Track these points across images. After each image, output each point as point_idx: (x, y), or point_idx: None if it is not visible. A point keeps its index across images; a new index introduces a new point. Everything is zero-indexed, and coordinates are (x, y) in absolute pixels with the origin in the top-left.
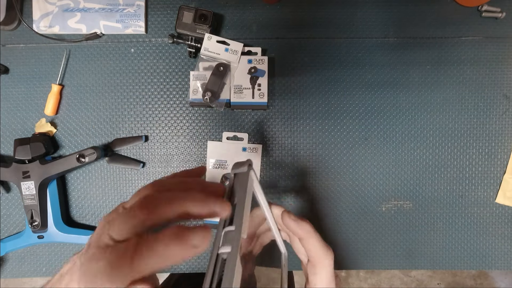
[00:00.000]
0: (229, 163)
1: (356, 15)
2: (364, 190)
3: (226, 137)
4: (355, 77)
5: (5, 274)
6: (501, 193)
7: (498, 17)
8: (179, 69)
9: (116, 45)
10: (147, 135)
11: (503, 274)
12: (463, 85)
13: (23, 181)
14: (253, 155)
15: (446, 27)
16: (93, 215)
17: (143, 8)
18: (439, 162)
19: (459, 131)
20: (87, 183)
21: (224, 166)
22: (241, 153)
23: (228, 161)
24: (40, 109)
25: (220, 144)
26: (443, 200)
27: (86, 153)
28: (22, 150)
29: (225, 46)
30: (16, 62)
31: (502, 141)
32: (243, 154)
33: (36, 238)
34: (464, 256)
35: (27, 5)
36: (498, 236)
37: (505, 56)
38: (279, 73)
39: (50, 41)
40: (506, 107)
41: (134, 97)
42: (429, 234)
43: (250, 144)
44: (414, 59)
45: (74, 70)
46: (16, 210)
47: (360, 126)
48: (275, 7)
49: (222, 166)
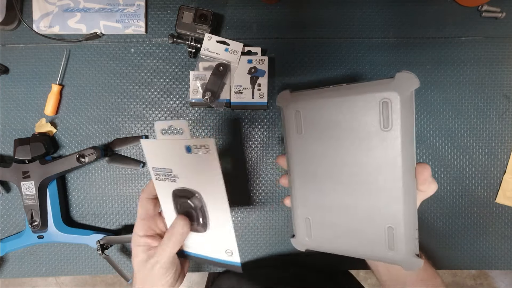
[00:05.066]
0: (176, 172)
1: (356, 15)
2: None
3: (160, 129)
4: (355, 77)
5: (5, 274)
6: (501, 193)
7: (498, 17)
8: (179, 69)
9: (116, 45)
10: (147, 135)
11: (503, 274)
12: (463, 85)
13: (23, 181)
14: (204, 158)
15: (446, 27)
16: (93, 215)
17: (143, 8)
18: (439, 162)
19: (459, 131)
20: (87, 183)
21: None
22: (185, 155)
23: (173, 169)
24: (40, 109)
25: (156, 143)
26: (443, 200)
27: (86, 153)
28: (22, 150)
29: (225, 46)
30: (16, 62)
31: (502, 141)
32: (188, 158)
33: (36, 238)
34: (464, 256)
35: (27, 5)
36: (498, 236)
37: (505, 56)
38: (279, 73)
39: (50, 41)
40: (506, 107)
41: (134, 97)
42: (429, 234)
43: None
44: (414, 59)
45: (74, 70)
46: (16, 210)
47: None
48: (275, 7)
49: (170, 178)
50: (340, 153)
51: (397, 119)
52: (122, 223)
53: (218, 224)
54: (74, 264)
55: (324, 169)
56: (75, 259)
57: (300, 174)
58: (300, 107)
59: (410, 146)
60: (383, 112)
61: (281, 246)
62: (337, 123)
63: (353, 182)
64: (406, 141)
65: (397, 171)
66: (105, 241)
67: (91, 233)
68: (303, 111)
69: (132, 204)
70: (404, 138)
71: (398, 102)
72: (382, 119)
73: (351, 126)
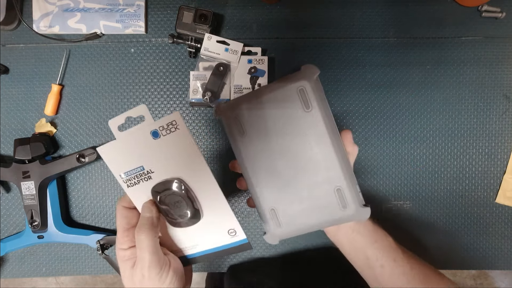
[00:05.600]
0: (148, 167)
1: (356, 15)
2: (364, 190)
3: (117, 126)
4: (355, 77)
5: (5, 274)
6: (501, 193)
7: (498, 17)
8: (179, 69)
9: (116, 45)
10: None
11: (503, 274)
12: (463, 85)
13: (23, 181)
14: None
15: (446, 27)
16: (93, 215)
17: (143, 8)
18: (439, 162)
19: (459, 131)
20: (87, 183)
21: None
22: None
23: (145, 165)
24: (40, 109)
25: (116, 144)
26: (443, 200)
27: (86, 153)
28: (22, 150)
29: (225, 46)
30: (16, 62)
31: (502, 141)
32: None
33: (36, 238)
34: (464, 256)
35: (27, 5)
36: (498, 236)
37: (505, 56)
38: (279, 73)
39: (50, 41)
40: (506, 107)
41: (134, 97)
42: (429, 234)
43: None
44: (414, 59)
45: (74, 70)
46: (16, 210)
47: (360, 126)
48: (275, 7)
49: (144, 178)
50: (280, 142)
51: (313, 100)
52: None
53: (211, 206)
54: (74, 264)
55: (272, 160)
56: (75, 259)
57: (254, 172)
58: (237, 113)
59: (330, 118)
60: (302, 97)
61: (284, 246)
62: (270, 116)
63: (298, 163)
64: (326, 115)
65: (327, 141)
66: (105, 241)
67: (91, 233)
68: (240, 115)
69: None
70: (323, 112)
71: (310, 87)
72: (303, 103)
73: (282, 115)
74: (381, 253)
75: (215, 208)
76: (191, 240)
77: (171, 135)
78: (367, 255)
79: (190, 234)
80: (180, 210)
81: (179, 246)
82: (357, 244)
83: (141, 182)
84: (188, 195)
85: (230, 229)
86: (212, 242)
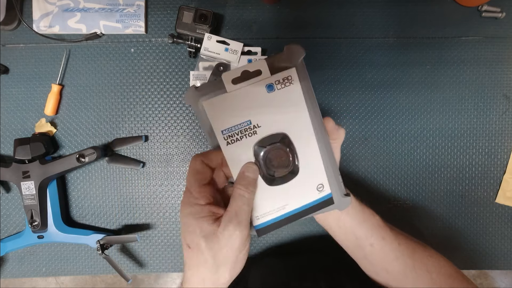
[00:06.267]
0: (256, 121)
1: (356, 15)
2: (364, 190)
3: (230, 80)
4: (355, 77)
5: (5, 274)
6: (501, 193)
7: (498, 17)
8: (179, 69)
9: (116, 45)
10: (147, 135)
11: (503, 274)
12: (463, 85)
13: (23, 181)
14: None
15: (446, 27)
16: (93, 215)
17: (143, 8)
18: (439, 162)
19: (459, 131)
20: (87, 183)
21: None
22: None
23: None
24: (40, 109)
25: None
26: (443, 200)
27: (86, 153)
28: (22, 150)
29: (225, 46)
30: (16, 62)
31: (502, 141)
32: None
33: (36, 238)
34: (464, 256)
35: (27, 5)
36: (498, 236)
37: (505, 56)
38: None
39: (50, 41)
40: (506, 107)
41: (134, 97)
42: (429, 234)
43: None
44: (414, 59)
45: (74, 70)
46: (16, 210)
47: (360, 126)
48: (275, 7)
49: (249, 133)
50: None
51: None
52: (122, 223)
53: (307, 162)
54: (74, 264)
55: None
56: (75, 259)
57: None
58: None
59: (314, 104)
60: None
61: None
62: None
63: None
64: (308, 99)
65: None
66: (105, 241)
67: (91, 233)
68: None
69: (132, 204)
70: (305, 95)
71: (295, 73)
72: None
73: None
74: (370, 232)
75: (309, 163)
76: (282, 200)
77: (285, 89)
78: (356, 235)
79: (281, 193)
80: (283, 164)
81: (267, 209)
82: (347, 225)
83: (244, 138)
84: (292, 150)
85: (319, 184)
86: (302, 200)
